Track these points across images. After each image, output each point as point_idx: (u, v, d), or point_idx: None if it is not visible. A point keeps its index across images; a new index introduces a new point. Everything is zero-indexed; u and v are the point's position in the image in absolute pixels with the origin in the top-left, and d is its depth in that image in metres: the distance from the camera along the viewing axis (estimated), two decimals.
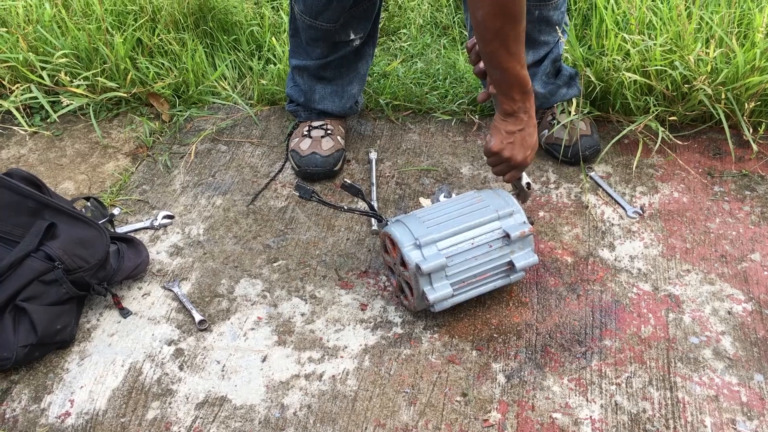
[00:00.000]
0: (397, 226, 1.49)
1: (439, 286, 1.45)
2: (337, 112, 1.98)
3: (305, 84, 1.96)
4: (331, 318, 1.56)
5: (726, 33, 1.89)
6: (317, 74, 1.92)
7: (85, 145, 2.11)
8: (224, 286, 1.65)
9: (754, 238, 1.67)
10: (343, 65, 1.91)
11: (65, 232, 1.52)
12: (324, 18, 1.76)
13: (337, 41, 1.83)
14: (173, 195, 1.91)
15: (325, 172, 1.90)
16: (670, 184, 1.82)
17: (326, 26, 1.78)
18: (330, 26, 1.78)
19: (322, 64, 1.89)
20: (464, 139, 2.02)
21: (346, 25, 1.79)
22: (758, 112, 1.91)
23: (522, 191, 1.62)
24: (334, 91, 1.94)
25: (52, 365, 1.50)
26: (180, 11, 2.34)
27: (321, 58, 1.88)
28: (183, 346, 1.52)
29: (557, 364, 1.44)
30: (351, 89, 1.95)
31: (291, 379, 1.44)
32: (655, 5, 2.02)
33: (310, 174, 1.90)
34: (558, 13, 1.82)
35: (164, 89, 2.21)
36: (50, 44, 2.23)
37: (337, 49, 1.86)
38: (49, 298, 1.48)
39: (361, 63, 1.94)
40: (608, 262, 1.64)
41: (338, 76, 1.92)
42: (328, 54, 1.87)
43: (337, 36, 1.82)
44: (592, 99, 1.96)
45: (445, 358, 1.46)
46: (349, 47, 1.86)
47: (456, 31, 2.43)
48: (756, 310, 1.51)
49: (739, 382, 1.38)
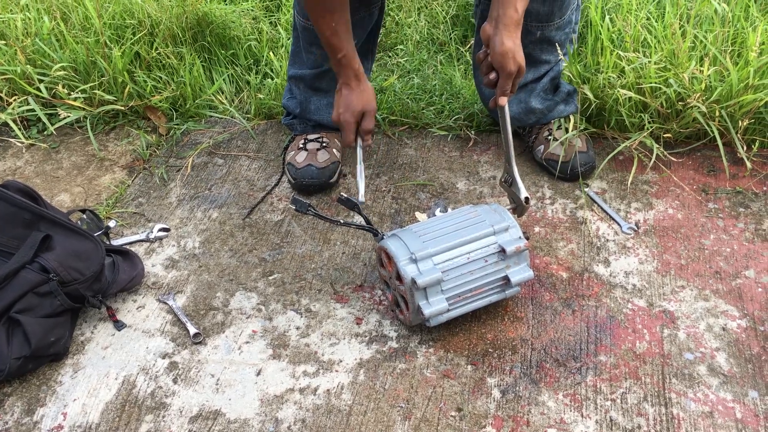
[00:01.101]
0: (392, 240, 1.49)
1: (435, 301, 1.45)
2: (331, 124, 1.98)
3: (301, 94, 1.97)
4: (326, 332, 1.56)
5: (720, 51, 1.90)
6: (313, 85, 1.94)
7: (82, 158, 2.11)
8: (219, 299, 1.65)
9: (749, 254, 1.67)
10: None
11: (60, 244, 1.52)
12: None
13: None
14: (169, 208, 1.91)
15: (321, 184, 1.91)
16: (664, 201, 1.83)
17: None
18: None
19: (317, 74, 1.91)
20: (460, 154, 2.03)
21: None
22: (752, 129, 1.92)
23: (519, 205, 1.63)
24: (329, 102, 1.95)
25: (46, 378, 1.49)
26: (178, 25, 2.35)
27: (317, 66, 1.90)
28: (177, 359, 1.51)
29: (552, 380, 1.43)
30: None
31: (285, 392, 1.44)
32: (649, 23, 2.04)
33: (305, 186, 1.91)
34: (561, 34, 1.84)
35: (162, 103, 2.22)
36: (48, 57, 2.24)
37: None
38: (44, 310, 1.48)
39: None
40: (603, 278, 1.64)
41: (334, 87, 1.93)
42: (324, 62, 1.88)
43: None
44: (587, 115, 1.97)
45: (440, 372, 1.46)
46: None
47: (452, 47, 2.44)
48: (750, 327, 1.51)
49: (734, 398, 1.38)
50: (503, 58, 1.50)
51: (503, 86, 1.53)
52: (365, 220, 1.57)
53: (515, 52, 1.50)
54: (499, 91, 1.54)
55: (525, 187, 1.61)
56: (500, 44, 1.49)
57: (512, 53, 1.49)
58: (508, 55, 1.49)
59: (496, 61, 1.51)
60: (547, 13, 1.78)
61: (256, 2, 2.63)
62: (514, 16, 1.49)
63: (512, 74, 1.52)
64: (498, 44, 1.49)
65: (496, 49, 1.50)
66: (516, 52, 1.50)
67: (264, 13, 2.60)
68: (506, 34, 1.49)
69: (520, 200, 1.61)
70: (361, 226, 1.57)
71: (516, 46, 1.50)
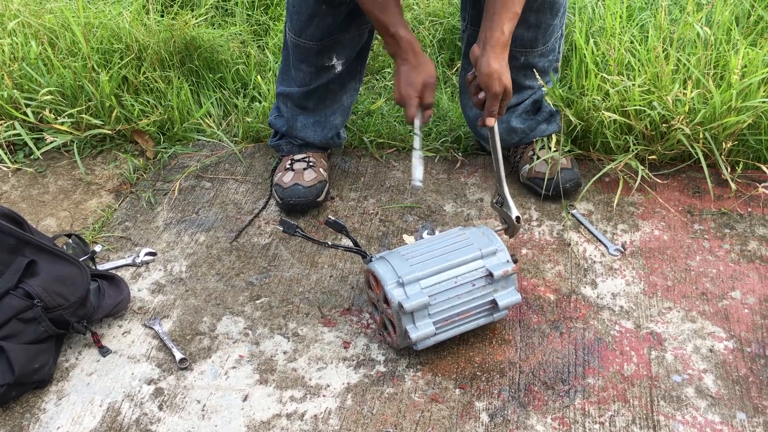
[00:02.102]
0: (380, 263, 1.49)
1: (422, 325, 1.45)
2: (318, 142, 2.00)
3: (288, 112, 1.99)
4: (313, 356, 1.55)
5: (703, 74, 1.93)
6: (300, 103, 1.96)
7: (68, 182, 2.10)
8: (206, 323, 1.64)
9: (734, 275, 1.68)
10: (327, 96, 1.94)
11: (45, 270, 1.51)
12: (307, 35, 1.81)
13: (319, 65, 1.87)
14: (156, 232, 1.90)
15: (308, 202, 1.91)
16: (650, 222, 1.84)
17: (309, 44, 1.83)
18: (313, 44, 1.83)
19: (306, 92, 1.93)
20: (447, 176, 2.04)
21: (330, 48, 1.84)
22: (736, 151, 1.94)
23: (511, 225, 1.62)
24: (316, 121, 1.97)
25: (29, 405, 1.47)
26: (166, 49, 2.36)
27: (305, 84, 1.91)
28: (163, 385, 1.50)
29: (540, 403, 1.43)
30: (333, 120, 1.98)
31: (272, 418, 1.43)
32: (633, 47, 2.06)
33: (293, 205, 1.91)
34: (544, 61, 1.87)
35: (149, 126, 2.21)
36: (35, 81, 2.23)
37: (320, 76, 1.89)
38: (28, 337, 1.46)
39: (346, 96, 1.97)
40: (590, 300, 1.64)
41: (321, 106, 1.95)
42: (312, 80, 1.90)
43: (320, 58, 1.86)
44: (573, 137, 1.98)
45: (428, 396, 1.45)
46: (332, 74, 1.89)
47: (439, 70, 2.46)
48: (737, 348, 1.52)
49: (722, 420, 1.38)
50: (489, 79, 1.51)
51: (490, 107, 1.55)
52: (353, 242, 1.57)
53: (501, 74, 1.51)
54: (486, 112, 1.55)
55: (516, 207, 1.62)
56: (486, 65, 1.50)
57: (498, 74, 1.51)
58: (494, 76, 1.51)
59: (483, 82, 1.53)
60: (531, 40, 1.80)
61: (244, 26, 2.64)
62: (501, 38, 1.51)
63: (498, 95, 1.53)
64: (484, 65, 1.51)
65: (483, 70, 1.51)
66: (502, 74, 1.52)
67: (252, 37, 2.61)
68: (492, 56, 1.51)
69: (512, 220, 1.61)
70: (349, 248, 1.57)
71: (502, 67, 1.52)
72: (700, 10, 2.17)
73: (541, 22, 1.78)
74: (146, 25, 2.45)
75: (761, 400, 1.41)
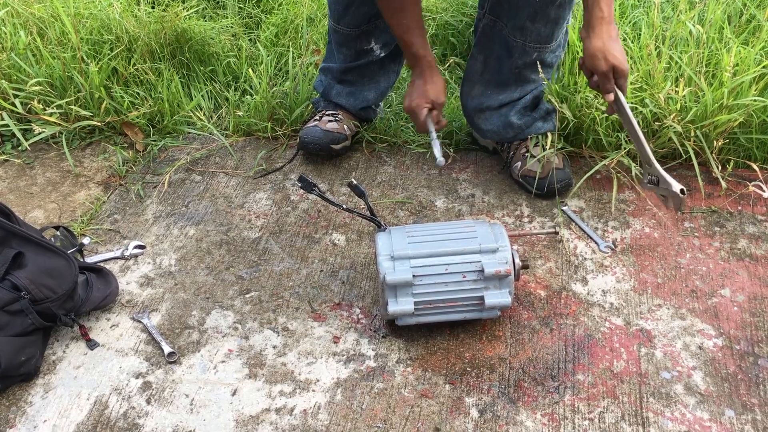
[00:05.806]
0: (383, 235, 1.54)
1: (402, 301, 1.48)
2: (350, 107, 2.06)
3: (327, 81, 2.07)
4: (303, 350, 1.54)
5: (695, 72, 1.93)
6: (339, 77, 2.04)
7: (57, 174, 2.08)
8: (195, 317, 1.63)
9: (724, 273, 1.69)
10: (366, 74, 2.02)
11: (33, 262, 1.49)
12: (345, 23, 1.91)
13: (359, 49, 1.96)
14: (145, 225, 1.89)
15: (323, 146, 1.98)
16: (641, 220, 1.84)
17: (347, 31, 1.92)
18: (350, 31, 1.91)
19: (344, 69, 2.02)
20: (439, 172, 2.03)
21: (368, 33, 1.92)
22: (726, 149, 1.95)
23: (676, 199, 1.58)
24: (350, 92, 2.05)
25: (15, 398, 1.45)
26: (156, 41, 2.34)
27: (345, 62, 2.00)
28: (151, 379, 1.49)
29: (530, 399, 1.43)
30: (367, 95, 2.05)
31: (261, 413, 1.42)
32: (625, 44, 2.06)
33: (307, 144, 1.98)
34: (553, 56, 1.88)
35: (139, 118, 2.20)
36: (24, 72, 2.21)
37: (360, 57, 1.98)
38: (14, 329, 1.45)
39: (384, 77, 2.05)
40: (581, 296, 1.64)
41: (358, 82, 2.04)
42: (352, 60, 1.99)
43: (359, 43, 1.94)
44: (565, 134, 1.98)
45: (418, 392, 1.45)
46: (371, 57, 1.98)
47: None
48: (726, 346, 1.52)
49: (711, 417, 1.39)
50: (594, 60, 1.57)
51: (604, 85, 1.60)
52: (370, 210, 1.57)
53: (606, 52, 1.55)
54: (603, 90, 1.61)
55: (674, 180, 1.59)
56: (590, 46, 1.56)
57: (602, 53, 1.55)
58: (598, 56, 1.55)
59: (589, 63, 1.59)
60: (547, 36, 1.78)
61: (236, 19, 2.63)
62: (599, 15, 1.54)
63: (606, 73, 1.57)
64: (588, 46, 1.56)
65: (587, 51, 1.57)
66: (607, 52, 1.55)
67: (243, 30, 2.60)
68: (595, 36, 1.55)
69: (675, 194, 1.58)
70: (365, 215, 1.59)
71: (607, 45, 1.55)
72: (692, 9, 2.17)
73: (560, 17, 1.77)
74: (137, 16, 2.43)
75: (750, 397, 1.42)
